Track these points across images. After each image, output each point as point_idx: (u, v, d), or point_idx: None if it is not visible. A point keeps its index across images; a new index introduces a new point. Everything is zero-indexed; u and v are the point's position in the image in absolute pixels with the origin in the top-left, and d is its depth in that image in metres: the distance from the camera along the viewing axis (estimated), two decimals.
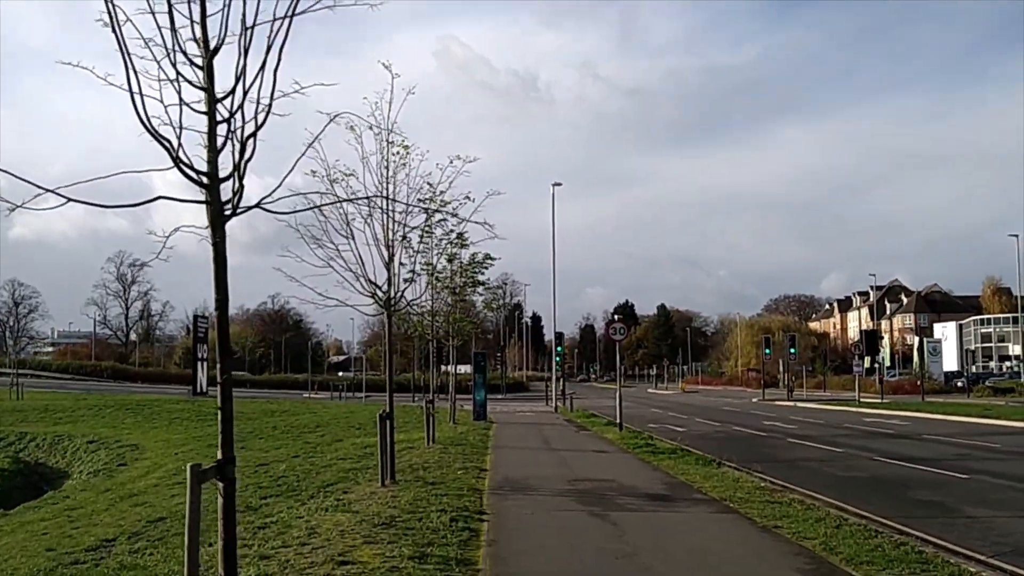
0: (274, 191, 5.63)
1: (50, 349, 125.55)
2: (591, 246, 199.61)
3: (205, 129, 5.18)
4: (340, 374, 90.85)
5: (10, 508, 19.07)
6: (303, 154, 6.40)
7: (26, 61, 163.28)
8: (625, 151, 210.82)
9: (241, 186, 5.29)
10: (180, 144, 5.03)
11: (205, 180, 5.17)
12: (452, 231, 18.19)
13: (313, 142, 6.96)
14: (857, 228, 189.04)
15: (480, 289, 24.82)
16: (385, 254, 13.07)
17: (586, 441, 24.23)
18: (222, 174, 5.22)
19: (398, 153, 13.07)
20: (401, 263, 14.62)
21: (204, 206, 5.22)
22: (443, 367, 63.11)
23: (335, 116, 6.57)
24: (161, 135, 5.00)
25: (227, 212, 5.24)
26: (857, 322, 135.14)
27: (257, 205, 5.49)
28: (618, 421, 27.17)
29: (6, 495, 22.28)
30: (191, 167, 5.12)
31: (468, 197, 13.70)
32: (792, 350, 58.97)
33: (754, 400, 57.91)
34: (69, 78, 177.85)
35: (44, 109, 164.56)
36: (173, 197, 5.32)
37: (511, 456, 19.13)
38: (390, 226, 13.10)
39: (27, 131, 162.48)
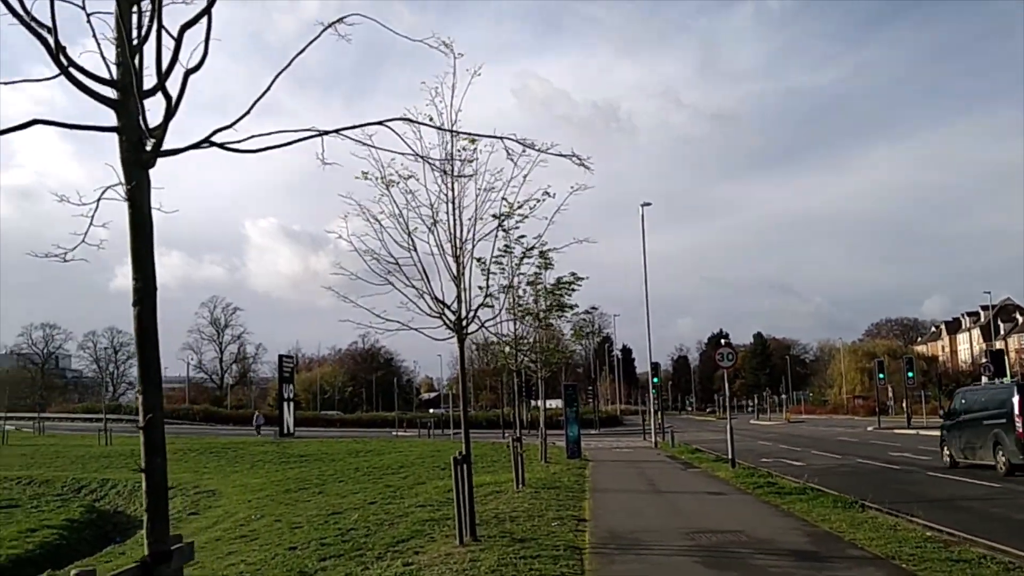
0: (241, 118, 3.54)
1: None
2: (679, 276, 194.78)
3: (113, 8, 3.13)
4: (431, 411, 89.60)
5: (61, 566, 17.54)
6: (285, 68, 4.27)
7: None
8: (710, 178, 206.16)
9: (175, 104, 3.21)
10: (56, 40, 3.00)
11: (112, 93, 3.12)
12: (532, 247, 16.08)
13: (299, 54, 4.82)
14: (956, 247, 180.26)
15: (568, 315, 22.54)
16: (453, 266, 10.96)
17: (696, 481, 21.50)
18: (145, 85, 3.16)
19: (463, 148, 10.98)
20: (483, 275, 12.59)
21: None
22: (532, 402, 61.01)
23: (334, 22, 4.41)
24: (35, 20, 2.98)
25: (149, 145, 3.17)
26: (968, 344, 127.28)
27: (208, 141, 3.40)
28: (730, 456, 24.33)
29: (72, 549, 20.87)
30: (86, 72, 3.07)
31: (547, 192, 11.46)
32: (910, 374, 54.62)
33: (869, 429, 53.62)
34: None
35: None
36: (51, 121, 3.25)
37: (613, 501, 16.64)
38: (458, 233, 10.98)
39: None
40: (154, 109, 3.17)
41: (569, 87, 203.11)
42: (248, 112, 3.54)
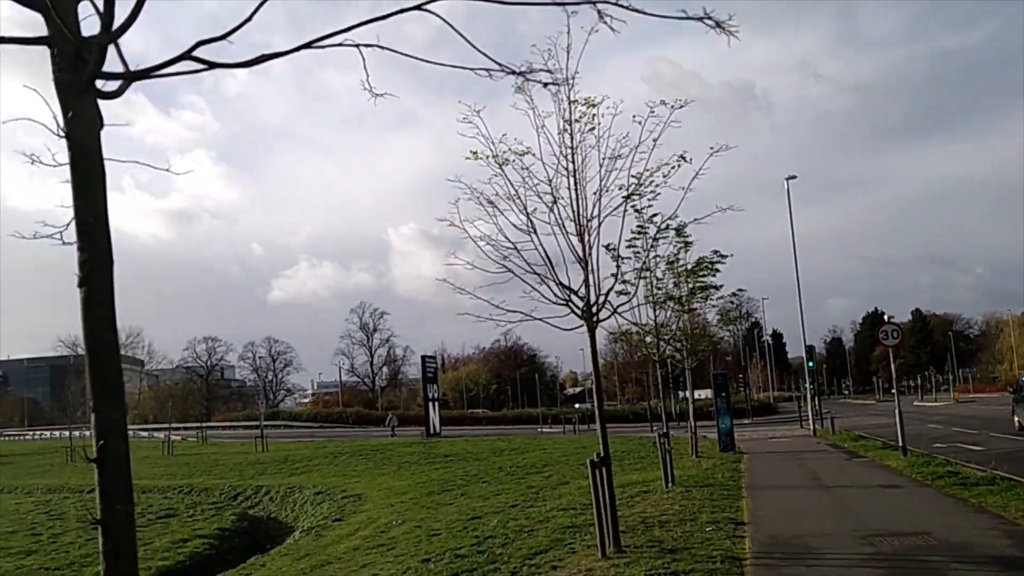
0: (235, 30, 2.57)
1: (306, 400, 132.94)
2: (828, 256, 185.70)
3: None
4: (576, 406, 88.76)
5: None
6: None
7: (265, 138, 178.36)
8: (854, 152, 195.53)
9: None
10: None
11: None
12: (666, 224, 14.75)
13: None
14: None
15: (712, 298, 20.95)
16: (578, 247, 9.84)
17: (864, 472, 19.52)
18: None
19: (583, 115, 9.83)
20: (614, 261, 11.44)
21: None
22: (681, 393, 59.02)
23: None
24: None
25: (88, 63, 2.22)
26: None
27: (191, 56, 2.43)
28: (900, 443, 22.12)
29: (220, 559, 21.03)
30: None
31: (683, 157, 10.14)
32: None
33: None
34: (305, 150, 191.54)
35: (287, 182, 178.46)
36: None
37: (774, 500, 15.07)
38: (581, 210, 9.85)
39: (274, 204, 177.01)
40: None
41: (700, 68, 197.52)
42: (246, 22, 2.61)
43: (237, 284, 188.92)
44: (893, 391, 25.49)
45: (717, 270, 18.91)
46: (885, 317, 22.21)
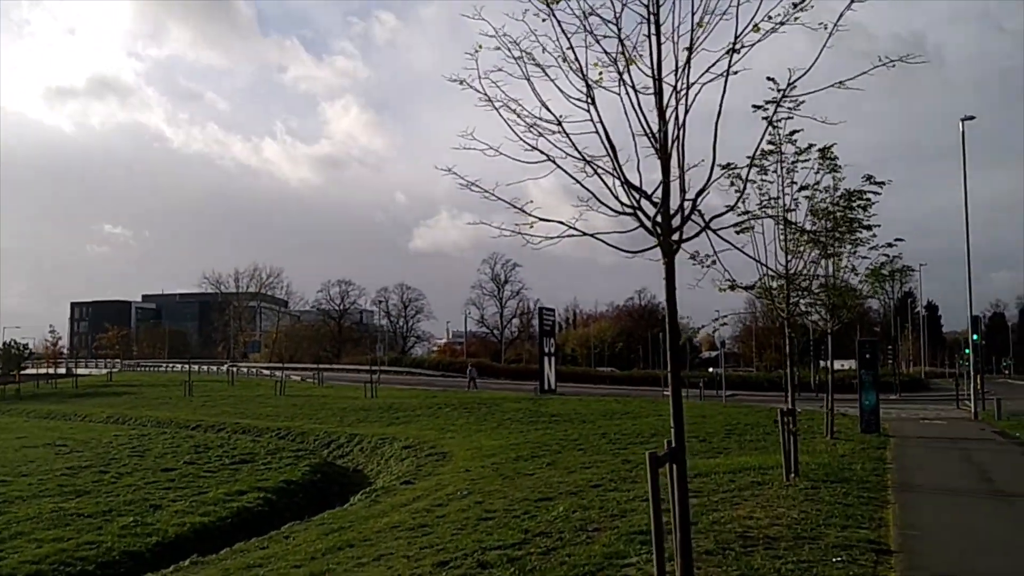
0: None
1: (436, 348, 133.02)
2: (994, 226, 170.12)
3: None
4: (710, 369, 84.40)
5: (247, 539, 15.25)
6: None
7: (413, 87, 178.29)
8: None
9: None
10: None
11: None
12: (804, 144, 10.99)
13: None
14: None
15: (863, 245, 16.73)
16: (655, 125, 6.39)
17: None
18: None
19: None
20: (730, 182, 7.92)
21: None
22: (821, 362, 53.71)
23: None
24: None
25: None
26: None
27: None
28: None
29: (272, 515, 18.89)
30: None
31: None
32: None
33: None
34: (451, 98, 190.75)
35: (431, 130, 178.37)
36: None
37: (933, 512, 11.14)
38: (661, 72, 6.38)
39: (417, 154, 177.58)
40: None
41: (868, 20, 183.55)
42: None
43: (380, 231, 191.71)
44: None
45: (869, 200, 14.77)
46: None
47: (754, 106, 11.18)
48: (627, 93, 6.50)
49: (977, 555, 8.47)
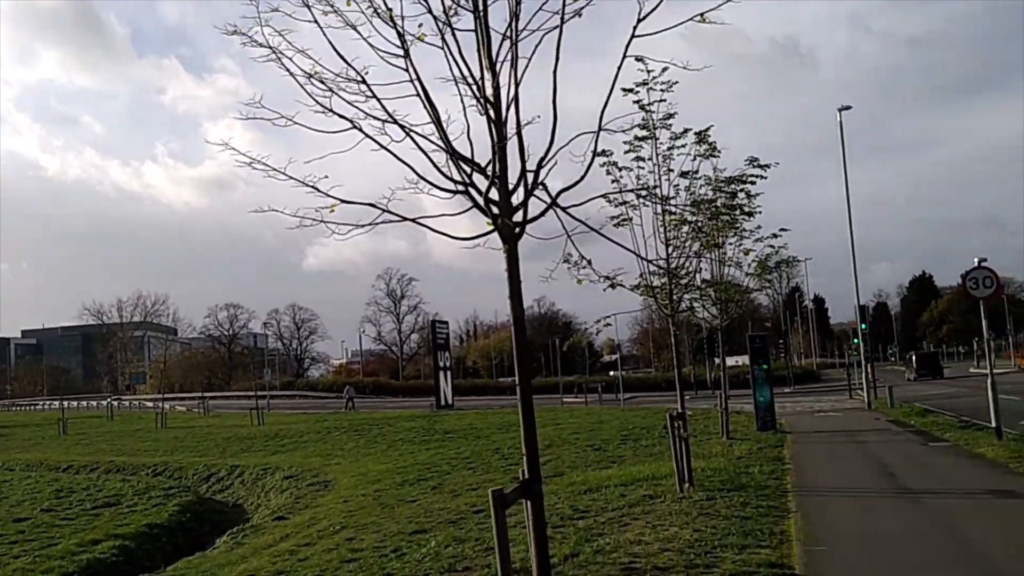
0: None
1: (333, 368, 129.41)
2: (873, 220, 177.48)
3: None
4: (611, 373, 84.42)
5: None
6: None
7: (292, 99, 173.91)
8: (904, 111, 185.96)
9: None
10: None
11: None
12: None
13: None
14: None
15: (747, 236, 15.97)
16: (488, 82, 5.10)
17: (955, 467, 14.50)
18: None
19: None
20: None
21: None
22: (715, 360, 53.93)
23: None
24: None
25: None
26: None
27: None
28: (993, 423, 17.14)
29: (128, 566, 16.84)
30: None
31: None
32: None
33: None
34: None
35: (314, 139, 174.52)
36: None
37: (837, 519, 10.11)
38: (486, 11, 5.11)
39: (308, 170, 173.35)
40: None
41: (744, 23, 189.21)
42: None
43: (271, 252, 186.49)
44: (989, 355, 20.60)
45: (753, 182, 13.95)
46: (979, 261, 16.85)
47: (624, 89, 10.17)
48: (447, 45, 5.20)
49: (893, 569, 7.47)
